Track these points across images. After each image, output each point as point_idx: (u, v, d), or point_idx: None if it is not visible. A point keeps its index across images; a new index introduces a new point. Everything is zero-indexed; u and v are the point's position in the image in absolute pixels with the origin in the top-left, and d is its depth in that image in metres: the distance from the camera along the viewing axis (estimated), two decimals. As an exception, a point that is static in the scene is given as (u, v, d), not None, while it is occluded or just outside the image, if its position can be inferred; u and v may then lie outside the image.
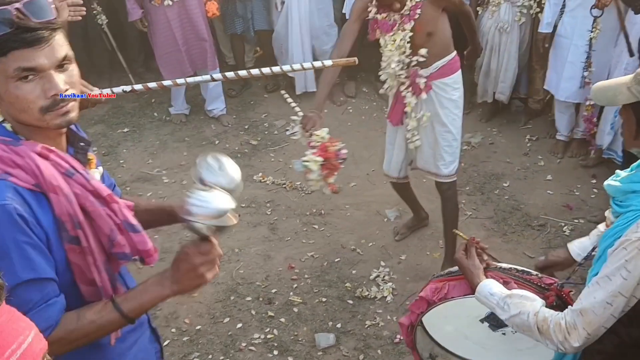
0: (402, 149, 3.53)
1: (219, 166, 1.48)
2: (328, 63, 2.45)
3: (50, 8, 1.31)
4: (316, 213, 4.24)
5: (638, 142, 1.59)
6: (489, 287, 1.82)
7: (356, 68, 5.47)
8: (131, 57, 5.97)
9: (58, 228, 1.33)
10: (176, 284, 1.42)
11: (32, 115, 1.32)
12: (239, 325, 3.37)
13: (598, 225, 2.02)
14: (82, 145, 1.49)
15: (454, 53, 3.29)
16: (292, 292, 3.57)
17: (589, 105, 4.36)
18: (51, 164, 1.33)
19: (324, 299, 3.51)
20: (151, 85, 2.24)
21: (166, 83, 2.31)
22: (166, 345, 3.24)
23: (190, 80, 2.37)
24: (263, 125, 5.39)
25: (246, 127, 5.35)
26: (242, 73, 2.26)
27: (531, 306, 1.71)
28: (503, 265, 1.99)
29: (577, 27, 4.28)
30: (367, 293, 3.52)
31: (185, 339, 3.29)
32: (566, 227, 3.98)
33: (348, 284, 3.60)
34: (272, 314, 3.42)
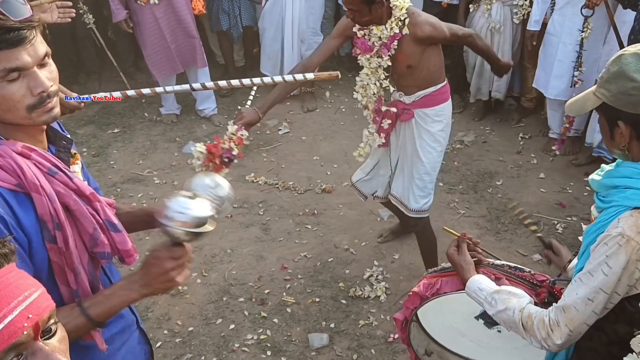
0: (388, 170, 3.41)
1: (215, 185, 1.49)
2: (310, 76, 2.47)
3: (24, 6, 1.29)
4: (309, 213, 4.22)
5: (615, 143, 1.58)
6: (478, 283, 1.82)
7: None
8: (121, 57, 5.93)
9: (40, 228, 1.31)
10: (145, 288, 1.40)
11: (18, 114, 1.30)
12: (232, 326, 3.34)
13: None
14: (64, 143, 1.48)
15: (441, 85, 3.10)
16: (285, 293, 3.55)
17: None
18: (32, 163, 1.31)
19: (317, 299, 3.49)
20: (130, 93, 2.28)
21: (145, 91, 2.35)
22: (158, 346, 3.21)
23: (169, 88, 2.41)
24: (255, 125, 5.35)
25: (238, 127, 5.32)
26: (222, 83, 2.30)
27: (517, 302, 1.71)
28: (496, 261, 1.99)
29: (566, 25, 4.30)
30: (361, 293, 3.50)
31: (177, 341, 3.26)
32: (559, 225, 3.98)
33: (341, 284, 3.59)
34: (265, 315, 3.40)
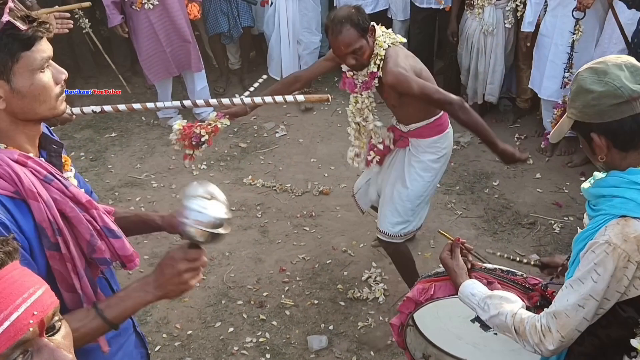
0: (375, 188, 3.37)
1: (210, 197, 1.49)
2: (300, 98, 2.54)
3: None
4: (307, 215, 4.23)
5: (596, 157, 1.62)
6: (471, 288, 1.84)
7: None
8: (118, 61, 5.94)
9: (39, 235, 1.32)
10: (159, 289, 1.42)
11: (50, 103, 1.36)
12: (231, 329, 3.35)
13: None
14: (55, 147, 1.49)
15: (435, 118, 3.01)
16: (284, 295, 3.56)
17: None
18: (29, 171, 1.32)
19: (316, 301, 3.50)
20: (121, 107, 2.39)
21: (136, 106, 2.49)
22: (157, 350, 3.22)
23: (159, 104, 2.55)
24: (252, 127, 5.38)
25: (235, 130, 5.33)
26: (213, 102, 2.46)
27: (509, 307, 1.72)
28: (488, 265, 2.01)
29: (558, 26, 4.33)
30: (359, 294, 3.51)
31: (176, 344, 3.27)
32: (556, 225, 3.99)
33: (340, 286, 3.60)
34: (264, 317, 3.40)
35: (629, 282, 1.52)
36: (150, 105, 2.65)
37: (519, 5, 4.66)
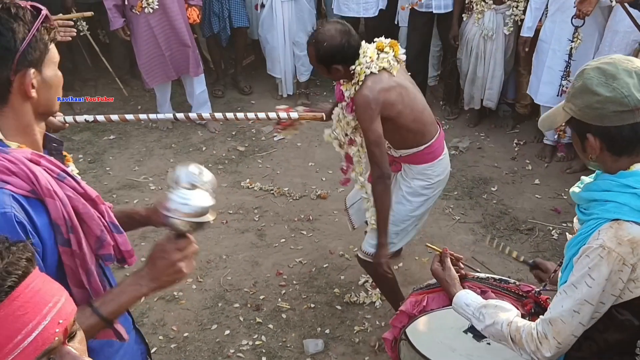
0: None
1: (199, 172, 1.52)
2: (294, 115, 2.56)
3: None
4: (304, 219, 4.22)
5: (587, 155, 1.61)
6: (465, 298, 1.83)
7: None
8: (116, 64, 5.93)
9: (54, 231, 1.33)
10: (154, 281, 1.42)
11: (59, 94, 1.45)
12: (227, 332, 3.33)
13: None
14: (55, 145, 1.51)
15: (425, 146, 2.94)
16: (280, 299, 3.55)
17: None
18: (43, 169, 1.34)
19: (313, 305, 3.49)
20: (114, 117, 2.42)
21: (128, 117, 2.52)
22: (154, 352, 3.20)
23: (152, 116, 2.57)
24: (250, 131, 5.37)
25: (233, 134, 5.33)
26: (206, 115, 2.54)
27: (505, 316, 1.72)
28: (480, 274, 2.01)
29: (556, 32, 4.34)
30: (356, 299, 3.50)
31: (172, 346, 3.26)
32: (554, 231, 3.99)
33: (336, 290, 3.59)
34: (260, 321, 3.39)
35: (624, 285, 1.52)
36: (142, 116, 2.69)
37: (519, 10, 4.66)
